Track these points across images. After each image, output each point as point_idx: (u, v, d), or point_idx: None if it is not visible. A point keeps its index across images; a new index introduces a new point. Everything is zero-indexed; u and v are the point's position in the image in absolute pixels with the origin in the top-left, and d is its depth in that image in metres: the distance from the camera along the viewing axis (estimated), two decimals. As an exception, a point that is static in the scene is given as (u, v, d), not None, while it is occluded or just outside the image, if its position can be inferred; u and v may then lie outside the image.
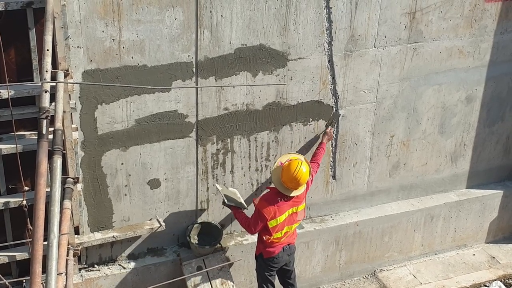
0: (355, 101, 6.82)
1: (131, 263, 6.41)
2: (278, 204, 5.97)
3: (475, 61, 7.23)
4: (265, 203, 5.97)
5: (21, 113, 5.28)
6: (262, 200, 6.01)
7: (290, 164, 5.90)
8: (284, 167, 5.93)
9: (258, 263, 6.32)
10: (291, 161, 5.95)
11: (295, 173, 5.84)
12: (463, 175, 7.90)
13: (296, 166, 5.86)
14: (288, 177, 5.88)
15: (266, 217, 5.94)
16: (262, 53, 6.15)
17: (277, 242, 6.15)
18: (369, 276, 7.63)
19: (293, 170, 5.85)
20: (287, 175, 5.88)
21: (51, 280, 3.56)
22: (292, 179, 5.86)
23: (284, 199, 5.99)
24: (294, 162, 5.91)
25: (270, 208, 5.94)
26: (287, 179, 5.89)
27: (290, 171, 5.86)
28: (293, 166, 5.87)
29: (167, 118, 6.03)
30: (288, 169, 5.88)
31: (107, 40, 5.49)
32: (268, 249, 6.17)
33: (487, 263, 7.95)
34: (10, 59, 5.17)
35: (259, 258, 6.29)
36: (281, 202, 5.98)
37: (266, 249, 6.17)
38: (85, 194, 5.98)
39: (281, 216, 6.00)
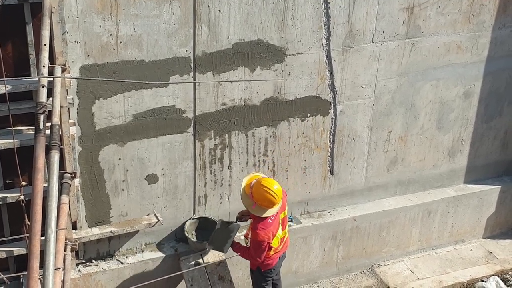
0: (353, 96, 6.82)
1: (129, 258, 6.41)
2: (270, 223, 5.82)
3: (473, 56, 7.23)
4: (262, 232, 5.77)
5: (18, 108, 5.27)
6: (258, 233, 5.78)
7: (260, 185, 5.70)
8: (256, 192, 5.71)
9: (255, 275, 6.25)
10: (258, 182, 5.75)
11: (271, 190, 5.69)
12: (461, 171, 7.91)
13: (267, 183, 5.72)
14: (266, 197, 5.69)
15: (268, 242, 5.82)
16: (260, 48, 6.14)
17: (275, 253, 6.09)
18: (367, 271, 7.65)
19: (267, 189, 5.68)
20: (263, 196, 5.69)
21: (48, 275, 3.55)
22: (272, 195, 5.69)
23: (271, 218, 5.84)
24: (262, 181, 5.74)
25: (268, 232, 5.80)
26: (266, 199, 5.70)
27: (264, 192, 5.68)
28: (265, 184, 5.70)
29: (164, 113, 6.02)
30: (261, 192, 5.69)
31: (104, 35, 5.48)
32: (266, 263, 6.08)
33: (484, 258, 7.96)
34: (7, 54, 5.15)
35: (256, 271, 6.21)
36: (272, 220, 5.83)
37: (264, 263, 6.07)
38: (83, 189, 5.97)
39: (278, 230, 5.95)
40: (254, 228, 5.85)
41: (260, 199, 5.73)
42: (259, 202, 5.74)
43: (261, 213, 5.76)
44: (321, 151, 6.94)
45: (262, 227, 5.79)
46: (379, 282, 7.47)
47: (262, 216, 5.78)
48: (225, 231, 6.06)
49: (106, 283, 6.28)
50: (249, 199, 5.78)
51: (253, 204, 5.75)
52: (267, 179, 5.86)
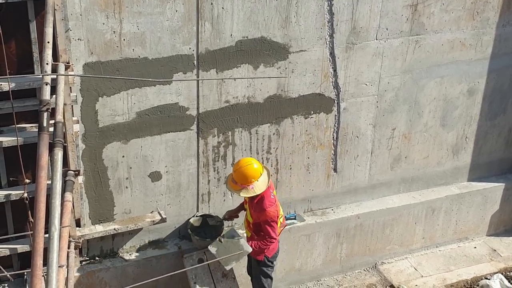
0: (356, 94, 6.81)
1: (132, 255, 6.41)
2: (275, 199, 5.94)
3: (477, 53, 7.21)
4: (270, 208, 5.85)
5: (22, 106, 5.28)
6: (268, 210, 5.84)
7: (235, 168, 5.86)
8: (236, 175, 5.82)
9: (260, 267, 6.20)
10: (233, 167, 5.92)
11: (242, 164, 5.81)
12: (465, 168, 7.89)
13: (237, 162, 5.87)
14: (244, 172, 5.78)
15: (275, 215, 5.90)
16: (263, 45, 6.13)
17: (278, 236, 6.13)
18: (370, 269, 7.64)
19: (240, 164, 5.81)
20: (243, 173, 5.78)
21: (52, 272, 3.55)
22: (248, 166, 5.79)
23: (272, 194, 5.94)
24: (235, 165, 5.90)
25: (274, 207, 5.90)
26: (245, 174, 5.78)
27: (240, 169, 5.79)
28: (237, 164, 5.86)
29: (168, 111, 6.02)
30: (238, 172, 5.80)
31: (107, 33, 5.47)
32: (272, 247, 6.08)
33: (488, 256, 7.95)
34: (10, 51, 5.16)
35: (262, 261, 6.15)
36: (275, 196, 5.96)
37: (270, 248, 6.07)
38: (86, 186, 5.98)
39: (279, 207, 6.05)
40: (260, 209, 5.85)
41: (243, 176, 5.75)
42: (244, 182, 5.75)
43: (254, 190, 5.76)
44: (325, 148, 6.94)
45: (270, 204, 5.86)
46: (382, 279, 7.46)
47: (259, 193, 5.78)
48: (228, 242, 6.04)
49: (109, 281, 6.28)
50: (235, 185, 5.81)
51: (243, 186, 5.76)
52: (241, 160, 5.91)
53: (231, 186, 5.90)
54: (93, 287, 6.23)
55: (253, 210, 5.95)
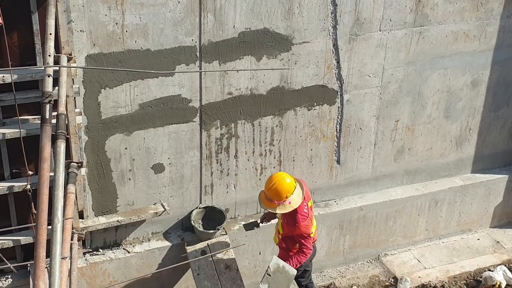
0: (360, 86, 6.78)
1: (135, 247, 6.42)
2: (308, 213, 5.86)
3: (481, 45, 7.17)
4: (302, 222, 5.78)
5: (24, 98, 5.28)
6: (300, 225, 5.78)
7: (267, 183, 5.80)
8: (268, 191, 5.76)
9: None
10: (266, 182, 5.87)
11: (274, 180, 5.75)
12: (468, 160, 7.87)
13: (269, 178, 5.82)
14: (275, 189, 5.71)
15: (308, 231, 5.83)
16: (266, 37, 6.11)
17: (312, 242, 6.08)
18: (373, 261, 7.64)
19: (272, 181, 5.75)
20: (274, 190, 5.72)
21: (55, 264, 3.56)
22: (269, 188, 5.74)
23: (306, 206, 5.85)
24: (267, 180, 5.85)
25: (307, 221, 5.84)
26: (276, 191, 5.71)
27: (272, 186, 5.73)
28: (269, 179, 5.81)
29: (170, 103, 6.01)
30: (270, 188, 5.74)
31: (110, 24, 5.46)
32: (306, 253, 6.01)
33: (491, 248, 7.94)
34: (13, 43, 5.14)
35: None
36: (308, 210, 5.86)
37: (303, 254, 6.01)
38: (89, 178, 5.98)
39: (313, 218, 6.03)
40: (293, 222, 5.79)
41: (276, 192, 5.70)
42: (279, 197, 5.69)
43: (291, 205, 5.71)
44: (328, 140, 6.92)
45: (302, 218, 5.78)
46: (385, 271, 7.47)
47: (293, 209, 5.73)
48: (274, 274, 5.86)
49: (113, 272, 6.30)
50: (271, 203, 5.74)
51: (276, 202, 5.70)
52: (273, 176, 5.85)
53: (266, 205, 5.79)
54: (97, 278, 6.24)
55: (285, 222, 5.90)
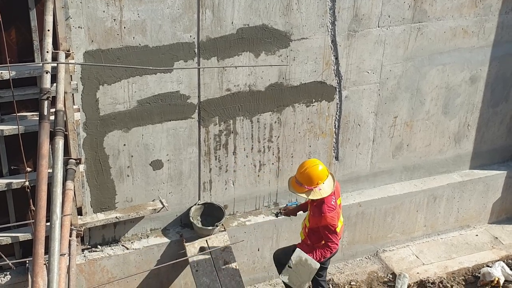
0: (358, 82, 6.78)
1: (134, 243, 6.42)
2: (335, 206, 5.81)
3: (480, 41, 7.17)
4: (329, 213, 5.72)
5: (22, 94, 5.27)
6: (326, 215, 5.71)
7: (300, 167, 5.78)
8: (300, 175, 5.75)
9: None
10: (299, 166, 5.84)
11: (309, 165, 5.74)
12: (467, 156, 7.88)
13: (305, 162, 5.80)
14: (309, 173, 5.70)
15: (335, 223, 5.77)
16: (264, 33, 6.10)
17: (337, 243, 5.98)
18: (372, 257, 7.65)
19: (306, 166, 5.75)
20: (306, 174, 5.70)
21: (53, 260, 3.56)
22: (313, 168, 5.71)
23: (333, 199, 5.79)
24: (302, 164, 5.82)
25: (334, 213, 5.77)
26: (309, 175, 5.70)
27: (304, 170, 5.72)
28: (303, 164, 5.79)
29: (169, 99, 6.00)
30: (302, 172, 5.73)
31: (108, 20, 5.45)
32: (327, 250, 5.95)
33: (490, 244, 7.96)
34: (11, 40, 5.14)
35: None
36: (335, 202, 5.82)
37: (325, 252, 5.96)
38: (88, 175, 5.98)
39: (340, 214, 5.97)
40: (320, 213, 5.74)
41: (309, 178, 5.67)
42: (311, 183, 5.66)
43: (321, 193, 5.67)
44: (326, 136, 6.93)
45: (329, 209, 5.73)
46: (384, 267, 7.48)
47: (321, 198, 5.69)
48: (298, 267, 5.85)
49: (111, 268, 6.30)
50: (300, 187, 5.71)
51: (306, 189, 5.68)
52: (306, 161, 5.86)
53: (294, 188, 5.76)
54: (95, 275, 6.25)
55: (312, 215, 5.87)
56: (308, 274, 5.82)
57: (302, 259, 5.81)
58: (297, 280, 5.82)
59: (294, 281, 5.83)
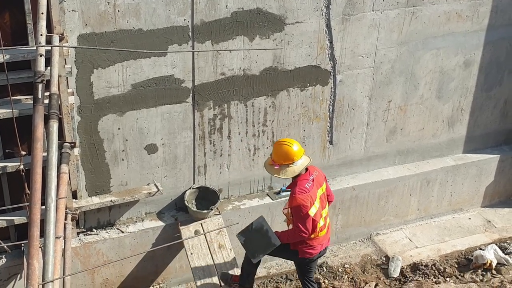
0: (352, 66, 6.79)
1: (129, 227, 6.45)
2: (309, 190, 5.61)
3: (474, 25, 7.18)
4: (299, 195, 5.56)
5: (16, 78, 5.26)
6: (295, 196, 5.58)
7: (277, 142, 5.71)
8: (274, 151, 5.68)
9: (288, 253, 5.94)
10: (276, 141, 5.78)
11: (286, 141, 5.66)
12: (460, 140, 7.91)
13: (283, 139, 5.73)
14: (282, 149, 5.61)
15: (306, 204, 5.55)
16: (259, 17, 6.09)
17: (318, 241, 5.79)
18: (365, 240, 7.71)
19: (282, 141, 5.66)
20: (279, 150, 5.62)
21: (49, 243, 3.59)
22: (287, 145, 5.62)
23: (308, 183, 5.63)
24: (280, 139, 5.76)
25: (306, 196, 5.57)
26: (282, 152, 5.61)
27: (279, 145, 5.64)
28: (281, 140, 5.73)
29: (163, 83, 6.00)
30: (277, 147, 5.66)
31: (102, 4, 5.43)
32: (307, 250, 5.80)
33: (482, 227, 8.02)
34: (4, 23, 5.12)
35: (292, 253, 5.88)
36: (310, 186, 5.62)
37: (304, 249, 5.79)
38: (83, 158, 5.99)
39: (316, 201, 5.68)
40: (292, 193, 5.65)
41: (278, 155, 5.60)
42: (279, 161, 5.59)
43: (286, 173, 5.59)
44: (321, 121, 6.94)
45: (300, 191, 5.58)
46: (377, 250, 7.53)
47: (294, 177, 5.62)
48: (256, 233, 5.80)
49: (106, 252, 6.33)
50: (270, 163, 5.67)
51: (275, 165, 5.62)
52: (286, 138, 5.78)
53: (266, 166, 5.72)
54: (90, 258, 6.28)
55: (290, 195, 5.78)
56: (264, 246, 5.72)
57: (263, 229, 5.74)
58: (251, 247, 5.75)
59: (248, 246, 5.79)
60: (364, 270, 7.28)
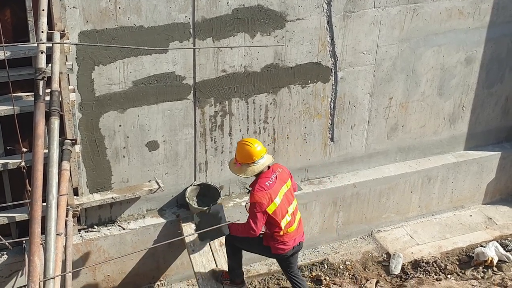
0: (354, 63, 6.78)
1: (130, 224, 6.46)
2: (269, 187, 5.54)
3: (475, 22, 7.17)
4: (257, 193, 5.52)
5: (17, 75, 5.26)
6: (254, 193, 5.54)
7: (240, 142, 5.69)
8: (237, 150, 5.66)
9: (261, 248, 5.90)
10: (239, 141, 5.76)
11: (248, 142, 5.60)
12: (461, 137, 7.91)
13: (246, 139, 5.69)
14: (244, 149, 5.58)
15: (263, 202, 5.49)
16: (260, 13, 6.09)
17: (289, 236, 5.74)
18: (366, 237, 7.71)
19: (245, 142, 5.62)
20: (242, 149, 5.59)
21: (50, 240, 3.59)
22: (249, 146, 5.57)
23: (270, 180, 5.58)
24: (243, 139, 5.75)
25: (264, 193, 5.51)
26: (244, 152, 5.58)
27: (242, 145, 5.60)
28: (243, 140, 5.70)
29: (164, 80, 6.00)
30: (239, 147, 5.62)
31: (103, 0, 5.42)
32: (277, 246, 5.75)
33: (483, 224, 8.02)
34: (5, 20, 5.11)
35: (266, 249, 5.85)
36: (270, 184, 5.56)
37: (276, 245, 5.75)
38: (84, 155, 5.99)
39: (277, 197, 5.60)
40: (251, 191, 5.62)
41: (240, 155, 5.59)
42: (241, 160, 5.59)
43: (246, 172, 5.57)
44: (322, 118, 6.94)
45: (258, 189, 5.53)
46: (378, 247, 7.53)
47: (254, 176, 5.60)
48: (209, 218, 5.88)
49: (108, 248, 6.34)
50: (233, 162, 5.68)
51: (236, 164, 5.62)
52: (250, 138, 5.75)
53: (231, 167, 5.72)
54: (92, 255, 6.28)
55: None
56: (214, 232, 5.74)
57: (218, 215, 5.82)
58: (202, 229, 5.77)
59: (201, 228, 5.86)
60: (365, 267, 7.28)
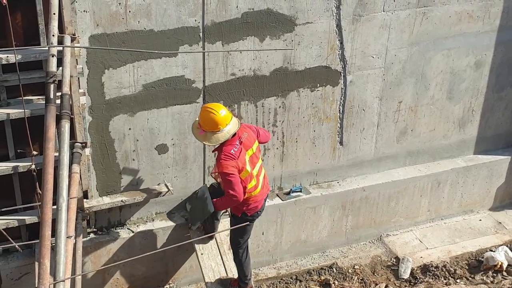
0: (363, 67, 6.78)
1: (139, 227, 6.47)
2: (235, 156, 5.47)
3: (485, 25, 7.15)
4: (225, 161, 5.44)
5: (28, 78, 5.29)
6: (221, 162, 5.45)
7: (204, 108, 5.53)
8: (201, 116, 5.52)
9: (236, 222, 5.81)
10: (203, 106, 5.59)
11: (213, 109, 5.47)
12: (471, 141, 7.88)
13: (212, 105, 5.55)
14: (208, 117, 5.45)
15: (233, 167, 5.42)
16: (269, 17, 6.10)
17: (259, 195, 5.77)
18: (376, 241, 7.69)
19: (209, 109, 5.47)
20: (206, 117, 5.45)
21: (60, 243, 3.60)
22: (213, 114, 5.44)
23: (235, 148, 5.49)
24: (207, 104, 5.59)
25: (232, 162, 5.43)
26: (208, 120, 5.45)
27: (207, 112, 5.45)
28: (208, 106, 5.54)
29: (174, 84, 6.02)
30: (204, 114, 5.48)
31: (113, 4, 5.45)
32: (252, 206, 5.77)
33: (493, 229, 7.98)
34: (16, 23, 5.15)
35: (240, 217, 5.80)
36: (236, 152, 5.47)
37: (250, 206, 5.76)
38: (94, 158, 6.01)
39: (247, 165, 5.57)
40: (217, 159, 5.53)
41: (204, 122, 5.49)
42: (205, 127, 5.47)
43: (210, 140, 5.48)
44: (331, 121, 6.93)
45: (225, 157, 5.45)
46: (387, 251, 7.51)
47: (219, 144, 5.50)
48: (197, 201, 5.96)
49: (117, 251, 6.35)
50: (197, 127, 5.57)
51: (200, 130, 5.51)
52: (214, 103, 5.66)
53: (193, 130, 5.62)
54: (101, 257, 6.30)
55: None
56: (202, 214, 5.77)
57: (204, 196, 5.81)
58: (193, 214, 5.88)
59: (192, 213, 5.95)
60: (374, 271, 7.26)
